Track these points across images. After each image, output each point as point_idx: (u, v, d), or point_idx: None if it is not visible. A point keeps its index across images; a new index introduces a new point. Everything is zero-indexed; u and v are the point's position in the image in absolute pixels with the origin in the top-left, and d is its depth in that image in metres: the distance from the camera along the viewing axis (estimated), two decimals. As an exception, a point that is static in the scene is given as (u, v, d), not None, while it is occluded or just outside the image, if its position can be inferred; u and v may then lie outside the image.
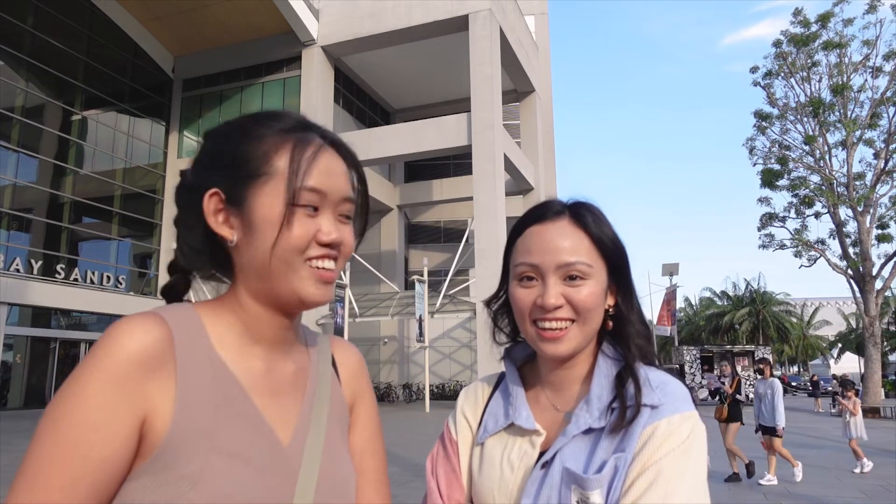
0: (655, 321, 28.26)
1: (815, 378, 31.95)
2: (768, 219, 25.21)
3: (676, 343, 29.35)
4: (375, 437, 0.86)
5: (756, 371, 9.88)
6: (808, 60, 23.83)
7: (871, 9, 22.91)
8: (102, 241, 24.88)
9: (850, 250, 23.04)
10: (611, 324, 0.93)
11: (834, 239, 23.70)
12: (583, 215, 0.91)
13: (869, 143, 23.31)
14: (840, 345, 53.65)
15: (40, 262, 21.56)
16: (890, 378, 36.40)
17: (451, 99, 31.82)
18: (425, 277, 23.25)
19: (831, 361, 57.30)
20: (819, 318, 53.43)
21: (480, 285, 22.38)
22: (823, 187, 23.40)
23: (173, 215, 0.80)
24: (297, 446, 0.73)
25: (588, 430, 0.86)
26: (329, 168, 0.75)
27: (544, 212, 0.92)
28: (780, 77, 24.70)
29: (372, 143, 24.69)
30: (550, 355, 0.89)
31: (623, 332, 0.92)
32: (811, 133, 23.74)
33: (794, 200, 24.36)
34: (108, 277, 24.04)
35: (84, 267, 23.23)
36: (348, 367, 0.87)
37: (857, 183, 23.01)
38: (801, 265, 24.87)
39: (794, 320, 49.46)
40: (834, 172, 23.56)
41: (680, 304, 55.14)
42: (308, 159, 0.73)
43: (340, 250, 0.75)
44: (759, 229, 25.47)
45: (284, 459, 0.71)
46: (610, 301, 0.93)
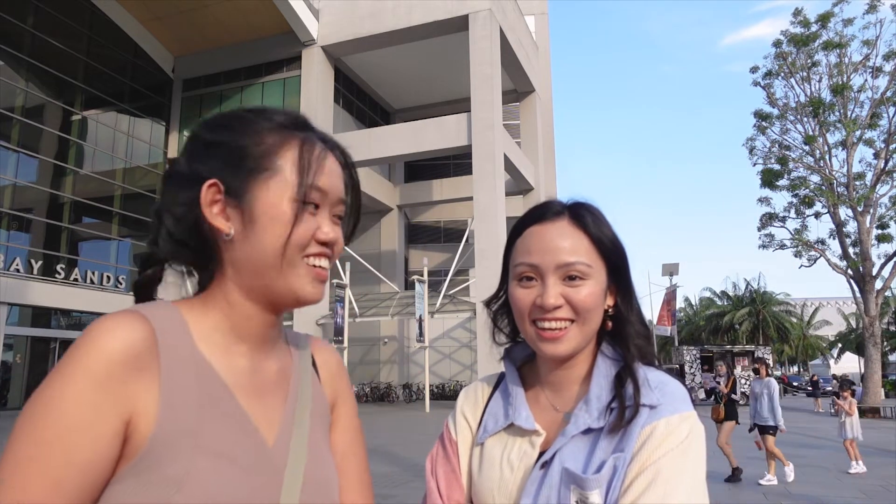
0: (655, 321, 28.28)
1: (815, 378, 31.93)
2: (768, 219, 25.21)
3: (676, 343, 29.37)
4: (356, 438, 0.86)
5: (752, 371, 9.90)
6: (808, 60, 23.84)
7: (871, 9, 22.92)
8: (102, 241, 24.88)
9: (850, 250, 23.04)
10: (610, 324, 0.94)
11: (834, 239, 23.72)
12: (582, 216, 0.91)
13: (869, 143, 23.32)
14: (840, 345, 53.65)
15: (40, 262, 21.56)
16: (890, 378, 36.37)
17: (451, 99, 31.83)
18: (425, 277, 23.24)
19: (831, 361, 57.28)
20: (819, 318, 53.40)
21: (480, 285, 22.39)
22: (823, 187, 23.40)
23: (156, 204, 0.76)
24: (281, 446, 0.72)
25: (587, 431, 0.86)
26: (331, 168, 0.76)
27: (544, 212, 0.93)
28: (780, 77, 24.71)
29: (372, 143, 24.70)
30: (550, 355, 0.89)
31: (622, 333, 0.92)
32: (811, 133, 23.75)
33: (794, 200, 24.38)
34: (108, 277, 24.04)
35: (84, 267, 23.23)
36: (328, 367, 0.87)
37: (857, 183, 23.02)
38: (801, 265, 24.90)
39: (794, 320, 49.43)
40: (834, 172, 23.56)
41: (680, 304, 55.17)
42: (317, 159, 0.74)
43: (334, 250, 0.76)
44: (759, 229, 25.50)
45: (269, 459, 0.70)
46: (609, 301, 0.93)
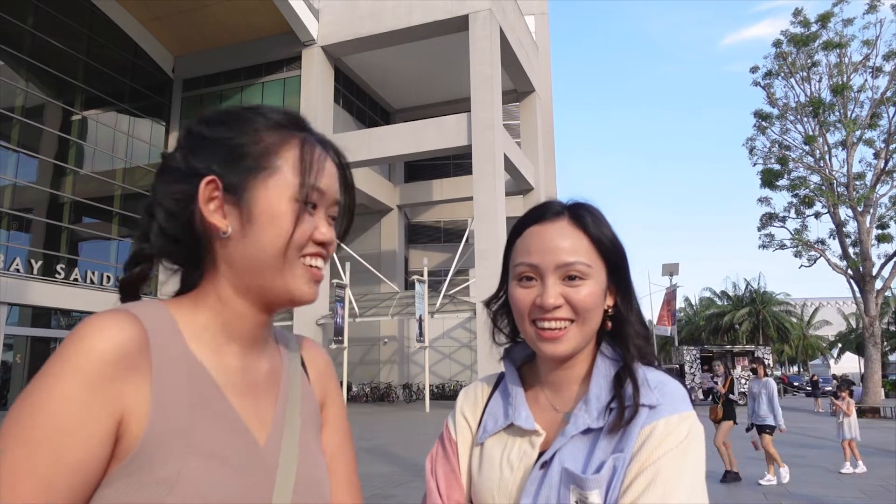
0: (655, 321, 28.27)
1: (815, 378, 31.92)
2: (768, 219, 25.21)
3: (676, 343, 29.38)
4: (345, 439, 0.86)
5: (750, 371, 9.90)
6: (808, 60, 23.84)
7: (871, 9, 22.92)
8: (102, 241, 24.88)
9: (850, 250, 23.04)
10: (610, 324, 0.94)
11: (834, 239, 23.72)
12: (582, 216, 0.91)
13: (869, 143, 23.32)
14: (840, 345, 53.66)
15: (40, 262, 21.56)
16: (890, 378, 36.38)
17: (451, 99, 31.84)
18: (425, 277, 23.24)
19: (831, 361, 57.28)
20: (819, 318, 53.39)
21: (480, 285, 22.39)
22: (823, 187, 23.40)
23: (148, 199, 0.75)
24: (273, 446, 0.72)
25: (587, 431, 0.86)
26: (329, 169, 0.76)
27: (544, 212, 0.93)
28: (780, 77, 24.71)
29: (372, 143, 24.71)
30: (549, 355, 0.89)
31: (622, 333, 0.92)
32: (811, 133, 23.74)
33: (794, 200, 24.38)
34: (108, 277, 24.04)
35: (84, 267, 23.22)
36: (317, 367, 0.86)
37: (857, 183, 23.02)
38: (801, 265, 24.90)
39: (794, 320, 49.42)
40: (834, 172, 23.56)
41: (680, 304, 55.16)
42: (318, 159, 0.74)
43: (329, 250, 0.76)
44: (759, 229, 25.50)
45: (261, 459, 0.69)
46: (609, 301, 0.93)
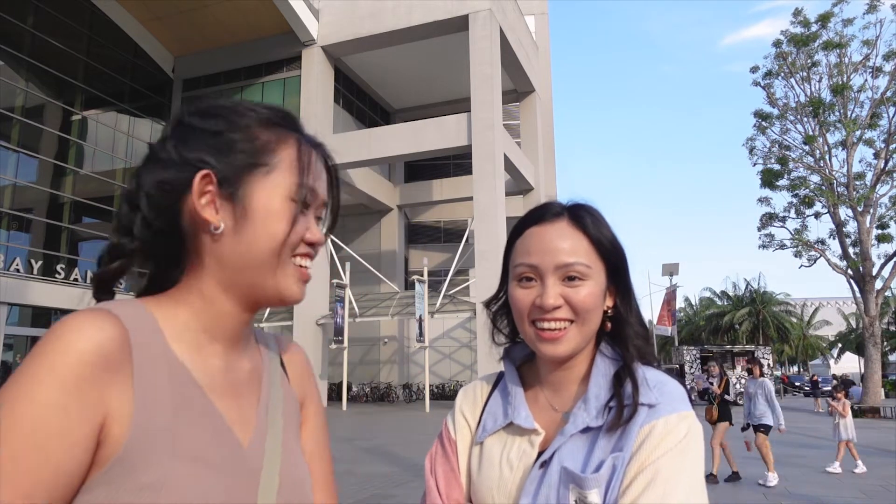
0: (655, 321, 28.27)
1: (815, 378, 31.94)
2: (768, 219, 25.22)
3: (676, 343, 29.39)
4: (323, 438, 0.85)
5: (746, 371, 9.91)
6: (808, 60, 23.84)
7: (871, 9, 22.92)
8: (102, 241, 24.75)
9: (850, 250, 23.04)
10: (609, 325, 0.94)
11: (834, 239, 23.72)
12: (582, 217, 0.91)
13: (869, 143, 23.32)
14: (840, 345, 53.67)
15: (40, 262, 21.56)
16: (890, 378, 36.40)
17: (451, 99, 31.82)
18: (425, 277, 23.23)
19: (831, 361, 57.29)
20: (819, 318, 53.37)
21: (480, 285, 22.38)
22: (823, 187, 23.40)
23: (131, 190, 0.72)
24: (256, 447, 0.71)
25: (586, 430, 0.86)
26: (320, 170, 0.77)
27: (543, 213, 0.93)
28: (780, 77, 24.72)
29: (372, 143, 24.69)
30: (549, 356, 0.89)
31: (622, 334, 0.92)
32: (811, 133, 23.75)
33: (794, 200, 24.38)
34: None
35: (84, 267, 23.22)
36: (296, 366, 0.86)
37: (857, 183, 23.02)
38: (801, 265, 24.90)
39: (794, 320, 49.39)
40: (834, 172, 23.56)
41: (680, 304, 55.15)
42: (313, 160, 0.75)
43: (316, 251, 0.75)
44: (759, 229, 25.51)
45: (245, 461, 0.68)
46: (609, 302, 0.93)
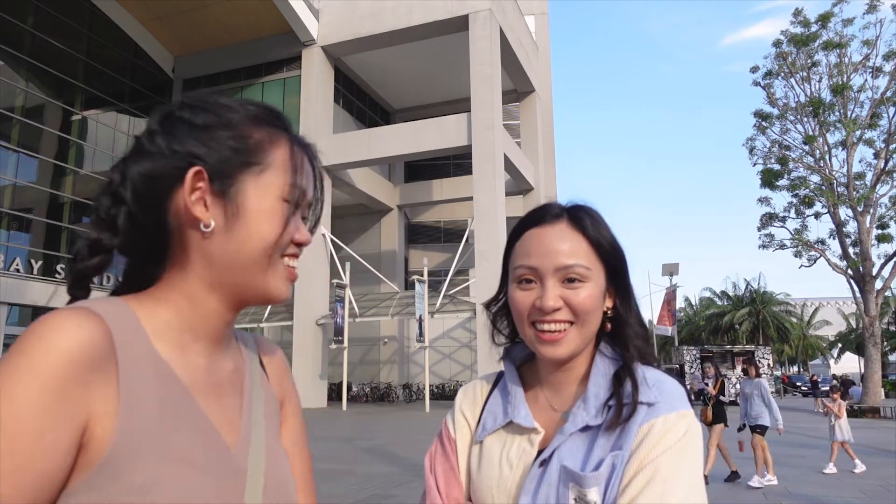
0: (655, 321, 28.28)
1: (815, 378, 31.96)
2: (768, 219, 25.22)
3: (676, 343, 29.41)
4: (301, 437, 0.85)
5: (742, 371, 9.91)
6: (808, 60, 23.85)
7: (871, 9, 22.94)
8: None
9: (850, 250, 23.05)
10: (609, 326, 0.94)
11: (834, 239, 23.73)
12: (581, 218, 0.91)
13: (869, 143, 23.33)
14: (840, 345, 53.68)
15: (40, 262, 21.57)
16: (890, 378, 36.40)
17: (451, 99, 31.83)
18: (425, 277, 23.23)
19: (831, 361, 57.30)
20: (819, 318, 53.36)
21: (480, 285, 22.38)
22: (823, 187, 23.40)
23: (114, 183, 0.71)
24: (241, 448, 0.70)
25: (585, 428, 0.87)
26: (308, 170, 0.77)
27: (543, 215, 0.93)
28: (780, 77, 24.73)
29: (372, 143, 24.70)
30: (549, 357, 0.89)
31: (621, 334, 0.93)
32: (811, 133, 23.76)
33: (794, 200, 24.40)
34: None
35: (84, 267, 23.23)
36: (275, 366, 0.85)
37: (857, 183, 23.03)
38: (801, 265, 24.92)
39: (794, 320, 49.38)
40: (834, 172, 23.57)
41: (680, 304, 55.16)
42: (304, 161, 0.75)
43: (302, 251, 0.76)
44: (759, 229, 25.53)
45: (231, 462, 0.68)
46: (608, 303, 0.93)
